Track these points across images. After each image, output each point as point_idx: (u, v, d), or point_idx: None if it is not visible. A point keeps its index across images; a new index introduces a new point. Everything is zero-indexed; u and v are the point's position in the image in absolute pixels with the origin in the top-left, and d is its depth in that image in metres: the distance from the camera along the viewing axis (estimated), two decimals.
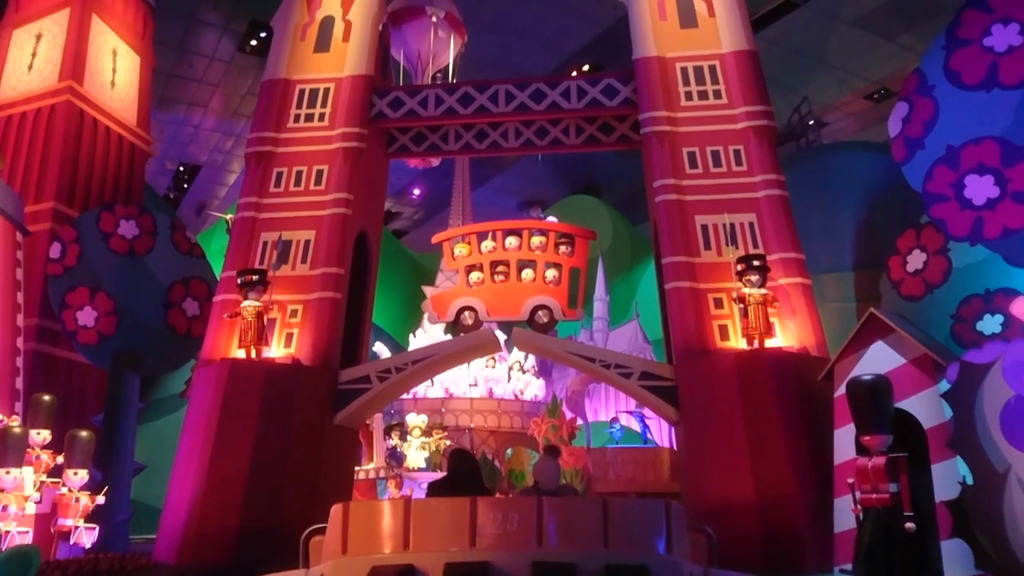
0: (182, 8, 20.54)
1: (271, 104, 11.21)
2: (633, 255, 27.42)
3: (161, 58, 22.52)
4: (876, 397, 6.78)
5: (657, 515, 4.60)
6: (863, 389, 6.84)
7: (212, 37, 22.22)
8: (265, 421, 9.34)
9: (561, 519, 4.33)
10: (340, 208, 10.59)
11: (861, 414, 6.86)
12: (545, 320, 10.33)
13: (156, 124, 26.39)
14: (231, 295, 10.32)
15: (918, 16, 20.88)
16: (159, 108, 25.15)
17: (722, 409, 8.93)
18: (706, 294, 9.74)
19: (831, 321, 9.88)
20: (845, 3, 20.47)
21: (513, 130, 11.76)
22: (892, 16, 20.95)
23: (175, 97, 24.82)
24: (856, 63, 22.78)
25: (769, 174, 10.03)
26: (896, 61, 22.74)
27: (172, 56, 22.63)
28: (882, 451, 6.63)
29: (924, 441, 7.44)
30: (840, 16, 20.97)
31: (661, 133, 10.34)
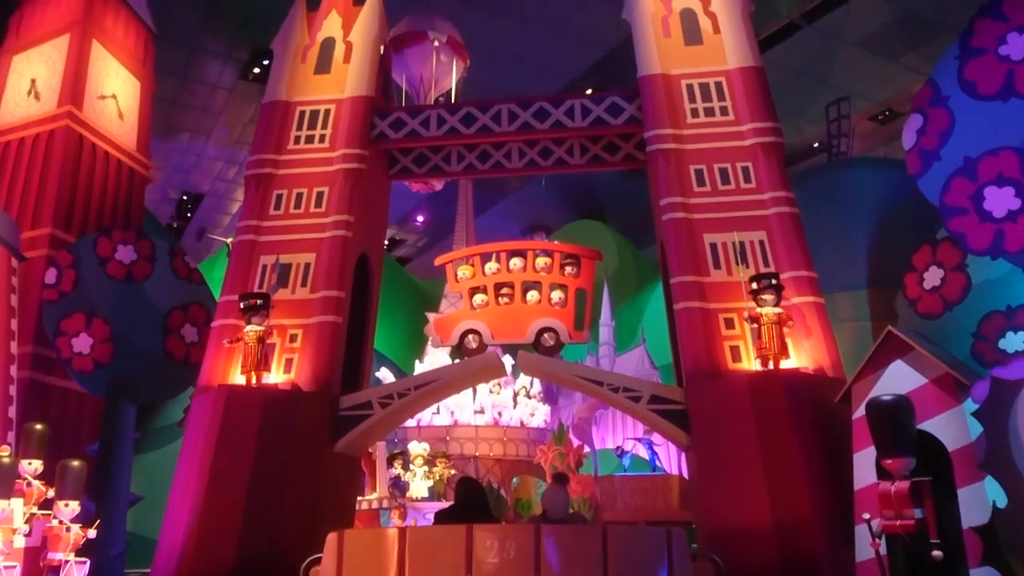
0: (184, 36, 20.57)
1: (271, 126, 11.07)
2: (639, 280, 27.21)
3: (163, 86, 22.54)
4: (897, 418, 6.51)
5: (658, 542, 4.42)
6: (884, 410, 6.57)
7: (215, 65, 22.25)
8: (263, 449, 9.06)
9: (560, 547, 4.13)
10: (341, 230, 10.39)
11: (882, 436, 6.58)
12: (551, 343, 10.06)
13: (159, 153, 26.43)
14: (230, 320, 10.10)
15: (921, 36, 20.82)
16: (162, 137, 25.17)
17: (735, 433, 8.62)
18: (716, 314, 9.47)
19: (846, 341, 9.60)
20: (847, 24, 20.41)
21: (516, 150, 11.60)
22: (895, 37, 20.90)
23: (178, 125, 24.82)
24: (860, 84, 22.70)
25: (779, 191, 9.82)
26: (900, 82, 22.68)
27: (174, 84, 22.64)
28: (905, 475, 6.35)
29: (949, 464, 7.13)
30: (842, 37, 20.92)
31: (667, 151, 10.15)
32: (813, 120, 23.87)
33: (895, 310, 9.47)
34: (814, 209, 10.23)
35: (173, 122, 24.63)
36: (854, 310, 11.05)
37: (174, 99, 23.45)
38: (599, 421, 18.85)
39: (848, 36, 20.89)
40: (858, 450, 7.73)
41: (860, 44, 21.25)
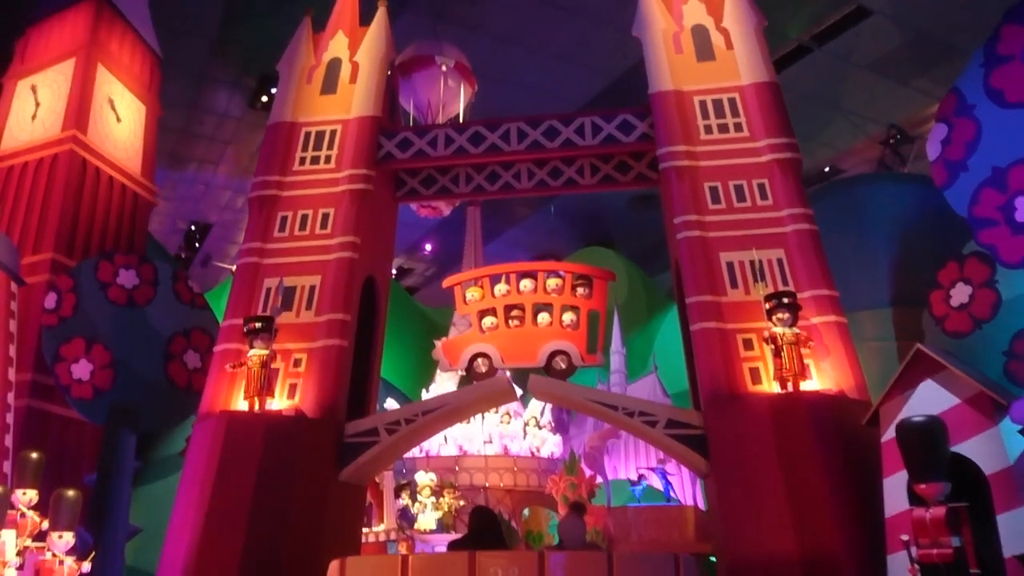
0: (191, 65, 20.59)
1: (276, 148, 10.90)
2: (649, 307, 26.91)
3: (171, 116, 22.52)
4: (930, 441, 6.15)
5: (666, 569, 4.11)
6: (915, 432, 6.21)
7: (222, 94, 22.26)
8: (265, 477, 8.73)
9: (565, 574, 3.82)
10: (346, 252, 10.15)
11: (914, 460, 6.22)
12: (563, 366, 9.73)
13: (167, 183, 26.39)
14: (232, 344, 9.83)
15: (932, 59, 20.65)
16: (169, 166, 25.16)
17: (757, 458, 8.24)
18: (734, 335, 9.14)
19: (870, 361, 9.24)
20: (858, 47, 20.28)
21: (526, 171, 11.38)
22: (906, 60, 20.75)
23: (186, 155, 24.81)
24: (871, 108, 22.52)
25: (796, 208, 9.54)
26: (912, 105, 22.50)
27: (182, 113, 22.65)
28: (940, 500, 5.97)
29: (987, 488, 6.75)
30: (853, 60, 20.78)
31: (680, 168, 9.90)
32: (824, 143, 23.68)
33: (921, 329, 9.11)
34: (832, 226, 9.93)
35: (181, 151, 24.62)
36: (878, 329, 10.68)
37: (182, 128, 23.44)
38: (611, 450, 18.45)
39: (858, 59, 20.75)
40: (888, 475, 7.36)
41: (870, 67, 21.10)
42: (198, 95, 22.12)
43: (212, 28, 19.37)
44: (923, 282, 9.09)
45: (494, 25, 19.50)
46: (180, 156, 24.92)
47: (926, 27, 19.46)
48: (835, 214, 10.93)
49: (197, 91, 21.93)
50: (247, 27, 19.38)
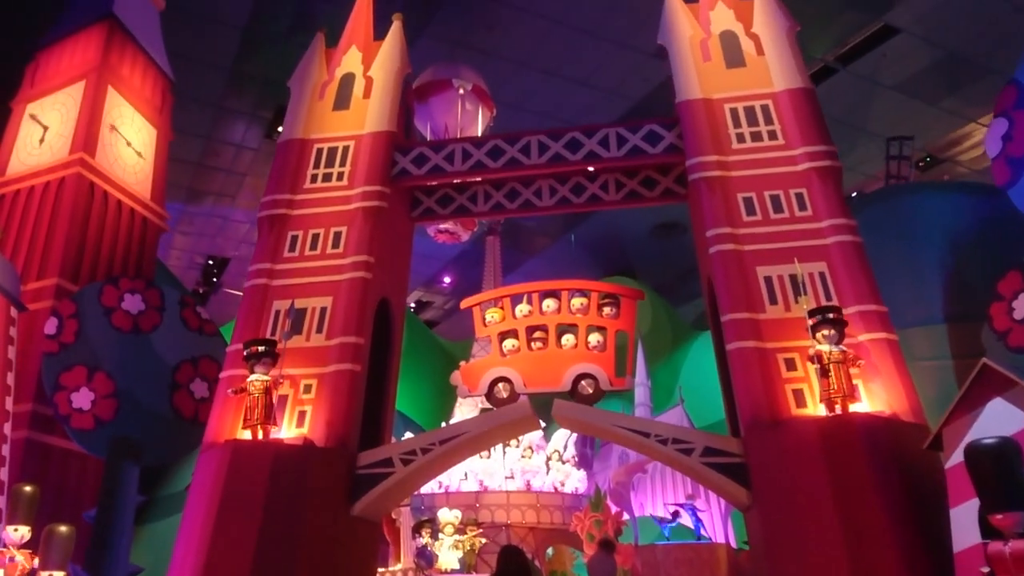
0: (207, 97, 20.44)
1: (286, 165, 10.48)
2: (674, 338, 26.23)
3: (188, 148, 22.42)
4: (1005, 465, 5.49)
5: None
6: (988, 456, 5.56)
7: (239, 125, 22.08)
8: (271, 511, 8.11)
9: None
10: (359, 272, 9.63)
11: (987, 488, 5.55)
12: (590, 391, 9.11)
13: (184, 217, 26.24)
14: (239, 371, 9.28)
15: (962, 79, 20.11)
16: (187, 201, 25.02)
17: (805, 488, 7.52)
18: (775, 354, 8.47)
19: (924, 382, 8.52)
20: (884, 67, 19.77)
21: (547, 187, 10.88)
22: (934, 79, 20.20)
23: (202, 188, 24.63)
24: (897, 130, 21.91)
25: (838, 218, 8.92)
26: (941, 127, 21.90)
27: (199, 146, 22.51)
28: (1019, 532, 5.28)
29: None
30: (880, 81, 20.25)
31: (712, 179, 9.34)
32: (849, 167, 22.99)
33: (981, 345, 8.39)
34: (875, 239, 9.28)
35: (197, 185, 24.45)
36: (932, 347, 9.94)
37: (198, 161, 23.29)
38: (637, 486, 17.74)
39: (885, 79, 20.21)
40: (955, 505, 6.61)
41: (898, 88, 20.56)
42: (214, 127, 21.96)
43: (228, 58, 19.23)
44: (980, 295, 8.40)
45: (511, 50, 19.21)
46: (197, 190, 24.75)
47: (955, 45, 18.92)
48: (878, 226, 10.26)
49: (213, 123, 21.77)
50: (263, 57, 19.22)
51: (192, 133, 21.79)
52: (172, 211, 25.57)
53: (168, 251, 27.70)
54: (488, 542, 15.65)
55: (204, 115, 21.26)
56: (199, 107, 21.07)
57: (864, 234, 8.92)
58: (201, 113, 21.16)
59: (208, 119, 21.47)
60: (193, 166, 23.62)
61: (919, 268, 10.34)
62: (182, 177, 23.75)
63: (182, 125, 21.06)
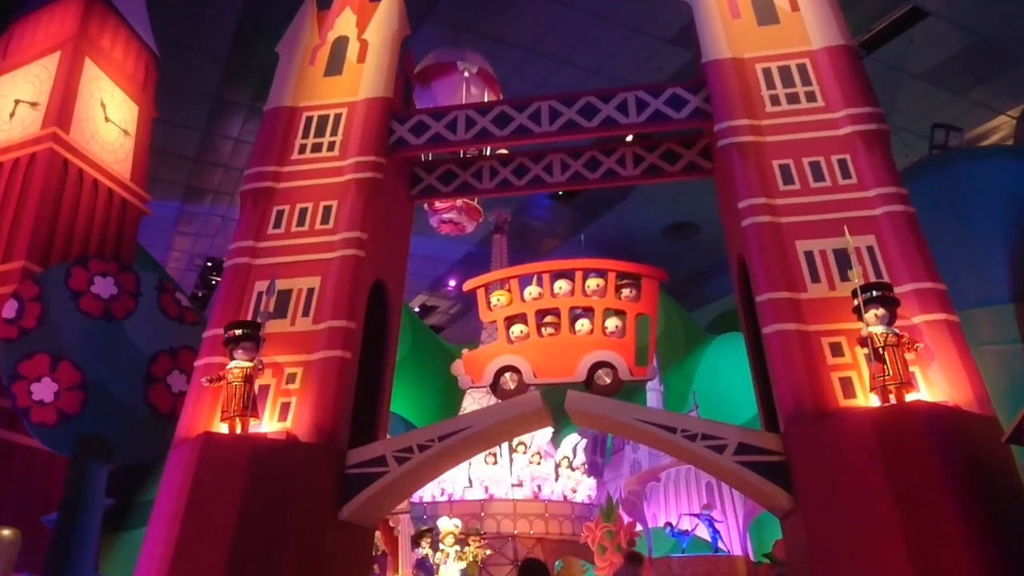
0: (203, 88, 19.59)
1: (273, 136, 9.57)
2: (687, 344, 25.30)
3: (184, 144, 21.60)
4: None
5: None
6: None
7: (237, 118, 21.22)
8: (248, 515, 7.12)
9: None
10: (351, 249, 8.68)
11: None
12: (607, 381, 8.12)
13: (183, 218, 25.38)
14: (216, 358, 8.33)
15: (992, 67, 19.12)
16: (185, 200, 24.19)
17: (859, 489, 6.50)
18: (819, 338, 7.48)
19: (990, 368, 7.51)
20: (911, 54, 18.78)
21: (559, 162, 9.95)
22: (963, 68, 19.20)
23: (201, 186, 23.79)
24: (925, 122, 20.93)
25: (887, 187, 7.94)
26: (969, 118, 20.88)
27: (196, 141, 21.66)
28: None
29: None
30: (906, 69, 19.26)
31: (744, 145, 8.37)
32: None
33: None
34: (929, 210, 8.29)
35: (196, 182, 23.59)
36: (998, 330, 8.88)
37: (196, 156, 22.44)
38: (650, 496, 16.86)
39: (912, 68, 19.23)
40: None
41: (924, 77, 19.57)
42: (211, 120, 21.09)
43: (224, 47, 18.39)
44: None
45: (519, 37, 18.33)
46: (194, 187, 23.89)
47: (986, 30, 17.94)
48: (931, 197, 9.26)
49: (210, 116, 20.90)
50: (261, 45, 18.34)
51: (188, 127, 20.97)
52: (170, 210, 24.85)
53: (167, 253, 26.88)
54: (493, 553, 14.74)
55: (200, 108, 20.41)
56: (195, 99, 20.23)
57: (916, 206, 7.93)
58: (197, 105, 20.33)
59: (204, 112, 20.61)
60: (190, 162, 22.77)
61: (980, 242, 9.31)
62: (178, 174, 22.94)
63: (177, 119, 20.29)
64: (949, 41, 18.26)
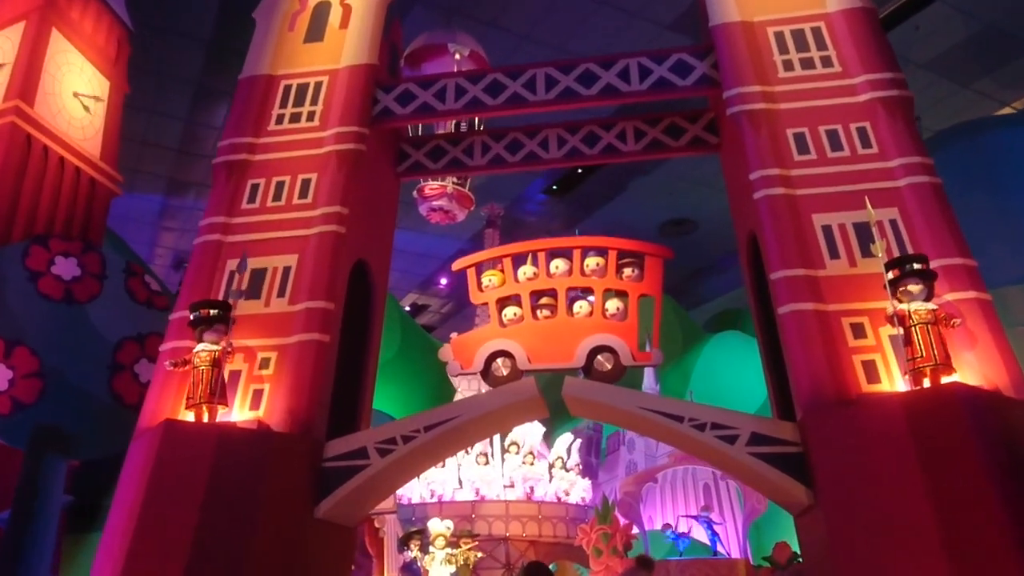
0: (186, 74, 18.91)
1: (248, 105, 8.92)
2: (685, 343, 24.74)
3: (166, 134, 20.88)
4: None
5: None
6: None
7: (223, 106, 20.51)
8: (213, 511, 6.45)
9: None
10: (331, 225, 8.03)
11: None
12: (608, 367, 7.48)
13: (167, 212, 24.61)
14: (184, 342, 7.67)
15: (999, 58, 18.61)
16: (168, 194, 23.47)
17: (889, 482, 5.88)
18: (839, 319, 6.87)
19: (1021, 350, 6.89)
20: (916, 42, 18.23)
21: (555, 138, 9.34)
22: (969, 58, 18.67)
23: (185, 179, 23.06)
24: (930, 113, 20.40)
25: (911, 156, 7.36)
26: (972, 111, 20.37)
27: (179, 131, 20.95)
28: None
29: None
30: (910, 58, 18.72)
31: (756, 112, 7.77)
32: None
33: None
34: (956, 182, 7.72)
35: (180, 176, 22.85)
36: None
37: (179, 147, 21.71)
38: (647, 497, 16.30)
39: (917, 56, 18.68)
40: None
41: (928, 66, 19.02)
42: (195, 108, 20.38)
43: (206, 31, 17.72)
44: None
45: (513, 21, 17.74)
46: (178, 181, 23.12)
47: (995, 17, 17.42)
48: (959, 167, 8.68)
49: (193, 104, 20.19)
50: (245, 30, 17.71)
51: (169, 115, 20.27)
52: (153, 204, 24.08)
53: (152, 249, 26.10)
54: (485, 556, 14.12)
55: (183, 95, 19.71)
56: (176, 86, 19.53)
57: (942, 177, 7.34)
58: (179, 93, 19.62)
59: (188, 100, 19.90)
60: (174, 153, 22.03)
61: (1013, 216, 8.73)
62: (161, 166, 22.21)
63: (158, 107, 19.60)
64: (955, 28, 17.75)
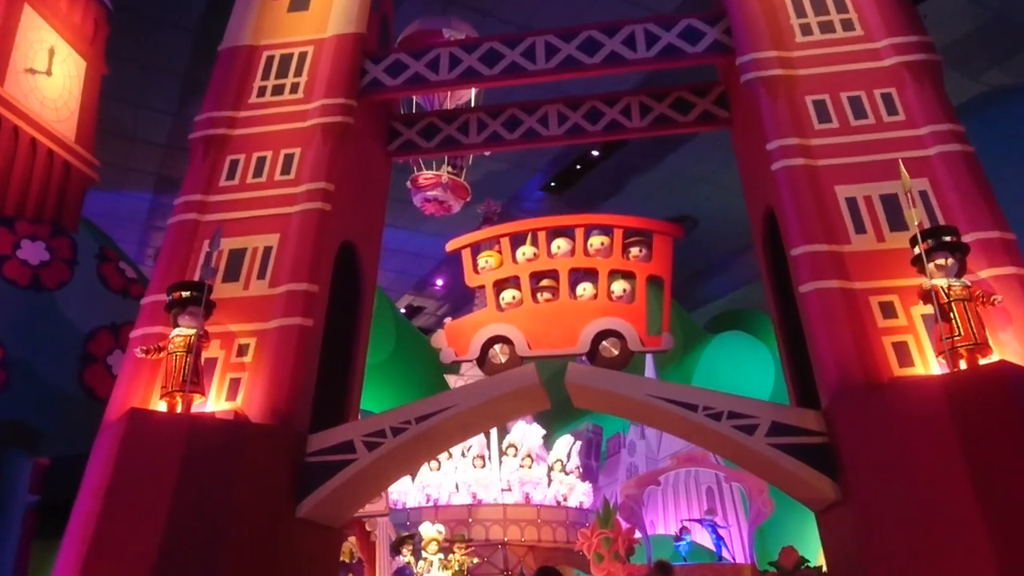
0: (174, 66, 18.35)
1: (229, 78, 8.36)
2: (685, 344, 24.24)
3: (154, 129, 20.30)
4: None
5: None
6: None
7: None
8: (184, 510, 5.87)
9: None
10: (315, 202, 7.46)
11: None
12: (615, 352, 6.93)
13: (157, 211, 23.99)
14: (156, 327, 7.09)
15: (1008, 48, 18.15)
16: (158, 190, 22.87)
17: (928, 472, 5.33)
18: (866, 297, 6.33)
19: None
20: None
21: (555, 115, 8.83)
22: (976, 49, 18.20)
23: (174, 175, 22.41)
24: None
25: (941, 123, 6.85)
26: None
27: (167, 125, 20.37)
28: None
29: None
30: None
31: (772, 79, 7.24)
32: None
33: None
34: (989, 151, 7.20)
35: (169, 172, 22.22)
36: None
37: (167, 142, 21.11)
38: (648, 501, 15.77)
39: None
40: None
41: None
42: (183, 102, 19.80)
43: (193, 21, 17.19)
44: None
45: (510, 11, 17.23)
46: (168, 177, 22.46)
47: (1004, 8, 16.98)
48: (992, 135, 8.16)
49: (182, 97, 19.62)
50: None
51: (158, 110, 19.71)
52: (142, 203, 23.48)
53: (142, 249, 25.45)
54: (482, 562, 13.55)
55: (171, 88, 19.15)
56: (164, 79, 18.96)
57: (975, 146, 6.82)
58: (167, 86, 19.06)
59: (176, 93, 19.34)
60: (162, 149, 21.43)
61: None
62: (150, 162, 21.64)
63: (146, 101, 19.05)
64: (964, 17, 17.28)
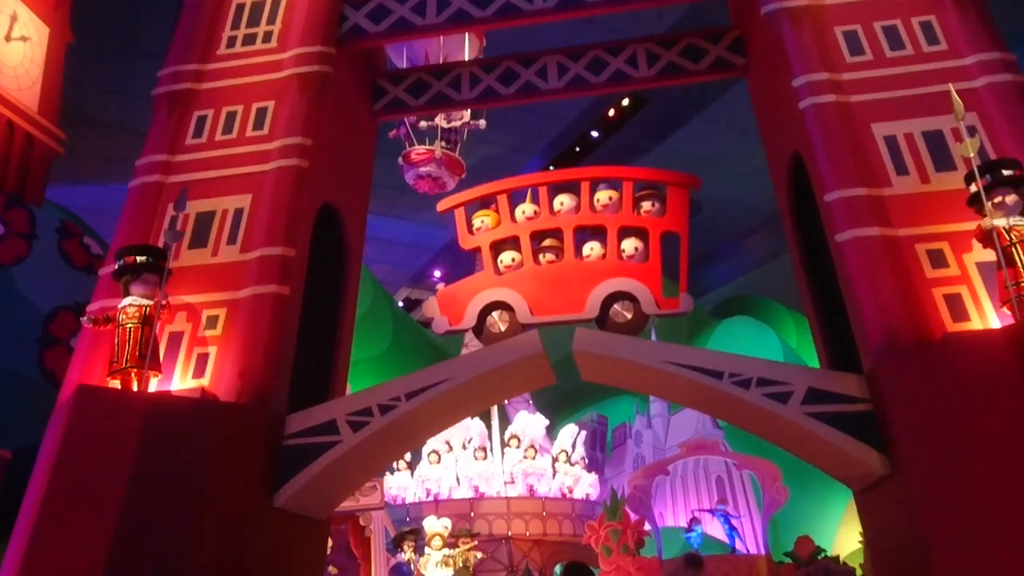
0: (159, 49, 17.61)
1: (195, 28, 7.66)
2: (691, 330, 23.62)
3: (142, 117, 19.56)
4: None
5: None
6: None
7: None
8: (141, 499, 5.15)
9: None
10: (291, 159, 6.73)
11: None
12: (628, 316, 6.20)
13: None
14: (114, 300, 6.35)
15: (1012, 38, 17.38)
16: None
17: (994, 440, 4.61)
18: (912, 245, 5.61)
19: None
20: None
21: (555, 66, 8.10)
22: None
23: None
24: None
25: (989, 52, 6.15)
26: None
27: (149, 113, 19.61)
28: None
29: None
30: None
31: (796, 9, 6.51)
32: None
33: None
34: None
35: None
36: None
37: None
38: (657, 492, 15.14)
39: None
40: None
41: None
42: None
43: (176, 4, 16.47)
44: None
45: None
46: None
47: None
48: None
49: None
50: None
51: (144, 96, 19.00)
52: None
53: None
54: (485, 557, 12.87)
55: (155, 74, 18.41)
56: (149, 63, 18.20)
57: None
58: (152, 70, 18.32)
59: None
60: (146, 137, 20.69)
61: None
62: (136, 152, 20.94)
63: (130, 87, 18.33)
64: None
